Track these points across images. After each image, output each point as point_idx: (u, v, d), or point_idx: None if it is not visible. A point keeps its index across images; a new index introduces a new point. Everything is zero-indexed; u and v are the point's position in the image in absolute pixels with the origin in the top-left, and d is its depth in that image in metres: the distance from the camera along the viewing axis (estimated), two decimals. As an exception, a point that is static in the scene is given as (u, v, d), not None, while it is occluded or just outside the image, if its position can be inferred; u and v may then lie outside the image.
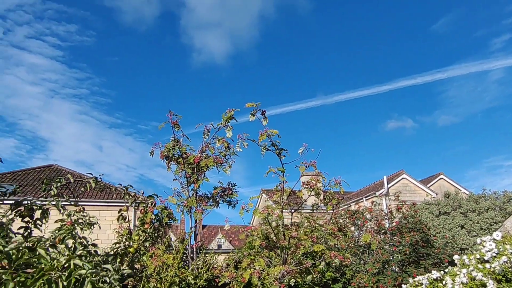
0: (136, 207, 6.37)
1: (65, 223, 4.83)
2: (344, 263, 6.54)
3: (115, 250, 6.11)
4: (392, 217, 14.45)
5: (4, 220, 4.46)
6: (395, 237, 13.21)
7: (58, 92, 72.41)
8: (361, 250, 13.00)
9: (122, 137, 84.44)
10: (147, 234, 6.04)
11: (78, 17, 71.66)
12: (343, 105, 78.33)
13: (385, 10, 78.09)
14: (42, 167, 21.60)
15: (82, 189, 5.53)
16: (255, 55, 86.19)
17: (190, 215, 6.58)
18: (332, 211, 7.73)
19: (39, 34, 67.34)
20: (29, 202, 4.84)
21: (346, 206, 23.46)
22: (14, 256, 2.94)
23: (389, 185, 24.52)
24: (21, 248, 3.11)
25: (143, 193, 5.84)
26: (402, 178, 25.58)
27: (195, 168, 6.82)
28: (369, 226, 13.99)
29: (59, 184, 5.11)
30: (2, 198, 4.45)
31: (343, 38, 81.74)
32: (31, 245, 3.15)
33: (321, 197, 7.57)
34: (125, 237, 6.23)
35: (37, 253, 3.06)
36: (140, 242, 6.02)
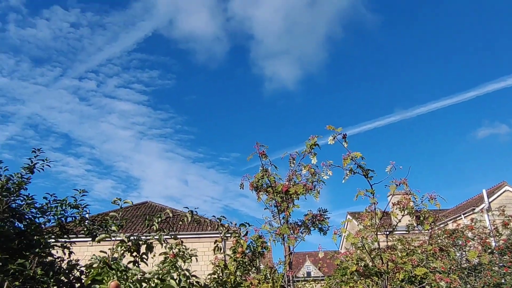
0: (225, 238, 6.60)
1: (168, 256, 5.17)
2: (452, 286, 6.05)
3: (212, 281, 6.34)
4: (498, 234, 13.11)
5: (115, 255, 4.91)
6: (505, 256, 11.95)
7: (146, 134, 78.48)
8: (465, 272, 11.91)
9: (206, 170, 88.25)
10: (238, 263, 6.20)
11: (159, 63, 77.91)
12: (425, 117, 74.02)
13: (460, 11, 73.52)
14: (138, 205, 23.35)
15: (180, 222, 5.89)
16: (326, 77, 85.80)
17: (284, 243, 6.64)
18: (428, 230, 7.25)
19: (126, 83, 74.22)
20: (135, 237, 5.29)
21: (442, 225, 21.80)
22: (148, 286, 3.28)
23: (490, 199, 22.34)
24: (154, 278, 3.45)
25: (235, 224, 6.05)
26: (505, 191, 23.18)
27: (284, 196, 6.94)
28: (471, 245, 12.83)
29: (160, 219, 5.52)
30: (115, 234, 4.90)
31: (418, 48, 78.23)
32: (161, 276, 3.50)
33: (414, 216, 7.19)
34: (220, 268, 6.44)
35: (167, 283, 3.36)
36: (233, 271, 6.18)
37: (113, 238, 4.91)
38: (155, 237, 5.21)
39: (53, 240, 5.31)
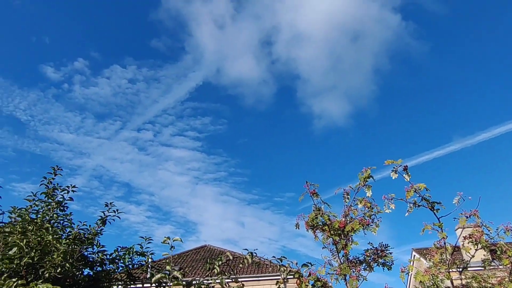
0: (286, 280, 6.45)
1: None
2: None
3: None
4: None
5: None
6: None
7: (201, 178, 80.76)
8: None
9: (261, 211, 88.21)
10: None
11: (210, 110, 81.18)
12: (489, 143, 69.44)
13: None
14: (197, 249, 23.61)
15: (240, 265, 5.87)
16: (377, 110, 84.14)
17: (346, 283, 6.35)
18: (508, 266, 6.64)
19: (181, 131, 77.77)
20: (197, 281, 5.34)
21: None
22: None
23: None
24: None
25: (296, 263, 5.93)
26: None
27: (342, 234, 6.72)
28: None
29: (220, 262, 5.56)
30: (178, 279, 4.98)
31: (471, 71, 75.10)
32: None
33: (489, 250, 6.65)
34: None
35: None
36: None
37: (171, 283, 4.97)
38: (217, 280, 5.24)
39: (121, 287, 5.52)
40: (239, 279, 6.54)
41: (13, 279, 4.10)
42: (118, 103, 73.86)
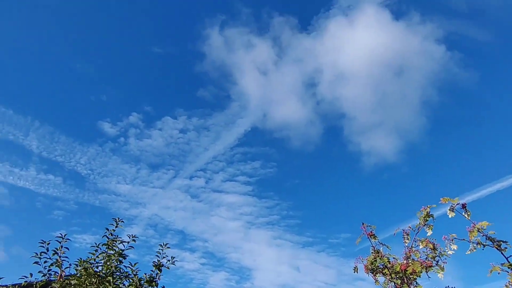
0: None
1: None
2: None
3: None
4: None
5: None
6: None
7: (254, 223, 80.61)
8: None
9: (316, 254, 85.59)
10: None
11: (259, 154, 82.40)
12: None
13: None
14: (252, 295, 23.14)
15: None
16: (429, 143, 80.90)
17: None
18: None
19: (231, 176, 79.08)
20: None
21: None
22: None
23: None
24: None
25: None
26: None
27: (404, 277, 6.38)
28: None
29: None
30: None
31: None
32: None
33: None
34: None
35: None
36: None
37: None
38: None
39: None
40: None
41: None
42: (171, 153, 77.22)
